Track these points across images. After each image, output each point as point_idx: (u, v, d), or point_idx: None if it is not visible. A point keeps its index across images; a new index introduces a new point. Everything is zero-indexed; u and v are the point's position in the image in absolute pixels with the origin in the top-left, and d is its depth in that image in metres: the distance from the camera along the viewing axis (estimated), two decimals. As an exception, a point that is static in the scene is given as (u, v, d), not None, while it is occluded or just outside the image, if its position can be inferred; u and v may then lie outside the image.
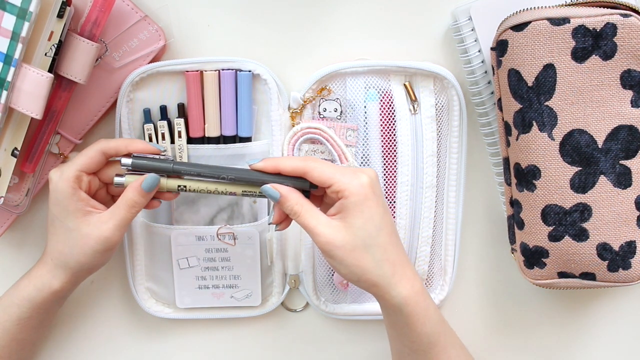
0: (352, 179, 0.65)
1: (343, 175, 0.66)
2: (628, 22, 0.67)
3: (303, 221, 0.66)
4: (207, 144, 0.77)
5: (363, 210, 0.65)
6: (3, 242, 0.81)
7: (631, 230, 0.72)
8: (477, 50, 0.75)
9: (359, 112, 0.76)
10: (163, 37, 0.75)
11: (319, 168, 0.66)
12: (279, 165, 0.67)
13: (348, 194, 0.65)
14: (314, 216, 0.66)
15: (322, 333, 0.84)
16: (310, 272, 0.80)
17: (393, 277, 0.66)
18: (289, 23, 0.77)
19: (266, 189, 0.67)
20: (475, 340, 0.82)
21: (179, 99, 0.77)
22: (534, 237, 0.73)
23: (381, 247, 0.66)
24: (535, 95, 0.70)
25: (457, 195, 0.79)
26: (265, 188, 0.67)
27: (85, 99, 0.76)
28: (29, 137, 0.73)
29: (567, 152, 0.70)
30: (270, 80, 0.76)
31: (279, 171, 0.67)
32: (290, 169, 0.67)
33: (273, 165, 0.67)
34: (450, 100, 0.77)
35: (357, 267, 0.65)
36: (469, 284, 0.82)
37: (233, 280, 0.80)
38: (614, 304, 0.82)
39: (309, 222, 0.65)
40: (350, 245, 0.65)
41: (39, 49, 0.69)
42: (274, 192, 0.67)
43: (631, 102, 0.69)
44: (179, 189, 0.69)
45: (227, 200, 0.78)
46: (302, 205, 0.66)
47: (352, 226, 0.65)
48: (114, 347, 0.84)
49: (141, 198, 0.68)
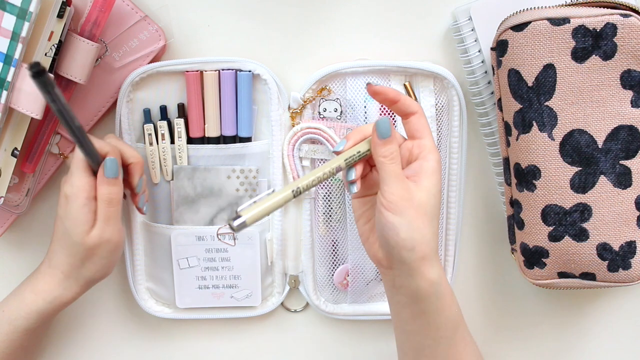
0: (435, 147, 0.66)
1: (432, 139, 0.66)
2: (628, 22, 0.67)
3: (397, 168, 0.64)
4: (207, 144, 0.77)
5: (438, 180, 0.65)
6: (3, 242, 0.81)
7: (631, 230, 0.72)
8: (477, 50, 0.75)
9: (359, 112, 0.76)
10: (163, 37, 0.75)
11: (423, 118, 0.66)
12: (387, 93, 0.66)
13: (432, 157, 0.64)
14: (400, 169, 0.64)
15: (322, 333, 0.84)
16: (310, 272, 0.80)
17: (436, 254, 0.65)
18: (289, 23, 0.77)
19: (384, 121, 0.64)
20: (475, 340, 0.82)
21: (179, 99, 0.77)
22: (534, 237, 0.73)
23: (437, 221, 0.65)
24: (535, 95, 0.70)
25: (457, 195, 0.79)
26: (384, 120, 0.64)
27: (85, 99, 0.76)
28: (29, 137, 0.74)
29: (567, 152, 0.70)
30: (270, 80, 0.76)
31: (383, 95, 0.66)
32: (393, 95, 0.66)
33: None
34: (450, 100, 0.77)
35: (419, 233, 0.63)
36: (468, 283, 0.82)
37: (233, 280, 0.80)
38: (614, 304, 0.82)
39: (401, 170, 0.64)
40: (423, 208, 0.63)
41: (39, 49, 0.69)
42: (389, 129, 0.64)
43: (631, 102, 0.69)
44: (294, 193, 0.63)
45: (227, 200, 0.78)
46: (398, 154, 0.65)
47: (428, 191, 0.64)
48: (114, 347, 0.84)
49: (112, 187, 0.68)
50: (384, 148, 0.64)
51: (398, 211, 0.62)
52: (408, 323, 0.67)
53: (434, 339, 0.67)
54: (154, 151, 0.77)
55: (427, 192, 0.64)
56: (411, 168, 0.65)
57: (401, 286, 0.65)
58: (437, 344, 0.67)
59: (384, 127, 0.64)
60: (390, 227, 0.63)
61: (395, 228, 0.62)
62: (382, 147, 0.64)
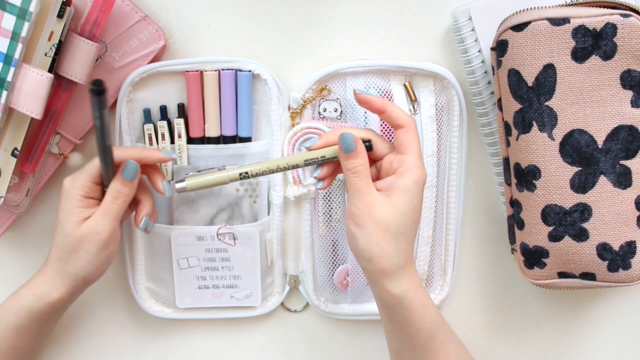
0: (420, 166, 0.66)
1: (418, 157, 0.66)
2: (628, 22, 0.67)
3: (359, 182, 0.65)
4: (207, 144, 0.77)
5: (412, 199, 0.65)
6: (3, 242, 0.81)
7: (631, 230, 0.72)
8: (477, 50, 0.75)
9: (359, 112, 0.76)
10: (163, 37, 0.75)
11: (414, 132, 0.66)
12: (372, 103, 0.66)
13: (408, 175, 0.65)
14: (369, 182, 0.65)
15: (322, 333, 0.84)
16: (310, 272, 0.80)
17: (402, 269, 0.66)
18: (289, 23, 0.77)
19: (346, 136, 0.65)
20: (475, 340, 0.82)
21: (179, 99, 0.77)
22: (534, 237, 0.73)
23: (407, 239, 0.66)
24: (535, 95, 0.70)
25: (457, 195, 0.79)
26: (347, 136, 0.65)
27: (85, 99, 0.75)
28: (29, 137, 0.74)
29: (567, 152, 0.70)
30: (270, 80, 0.76)
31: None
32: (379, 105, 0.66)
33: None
34: (450, 100, 0.77)
35: (378, 247, 0.64)
36: (469, 284, 0.82)
37: (233, 280, 0.80)
38: (614, 304, 0.82)
39: (364, 186, 0.64)
40: (385, 225, 0.64)
41: (39, 49, 0.69)
42: (353, 143, 0.65)
43: (631, 102, 0.69)
44: (241, 176, 0.67)
45: (227, 200, 0.78)
46: (366, 168, 0.65)
47: (397, 209, 0.64)
48: (114, 347, 0.84)
49: (124, 187, 0.68)
50: (347, 162, 0.65)
51: (359, 223, 0.65)
52: (386, 325, 0.70)
53: (410, 346, 0.68)
54: (154, 151, 0.77)
55: (394, 209, 0.64)
56: (386, 181, 0.66)
57: (372, 290, 0.68)
58: (414, 351, 0.68)
59: (347, 142, 0.65)
60: (351, 236, 0.66)
61: (354, 237, 0.65)
62: (345, 160, 0.65)
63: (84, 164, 0.78)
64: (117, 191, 0.68)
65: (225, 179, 0.67)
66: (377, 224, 0.64)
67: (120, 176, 0.68)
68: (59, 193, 0.79)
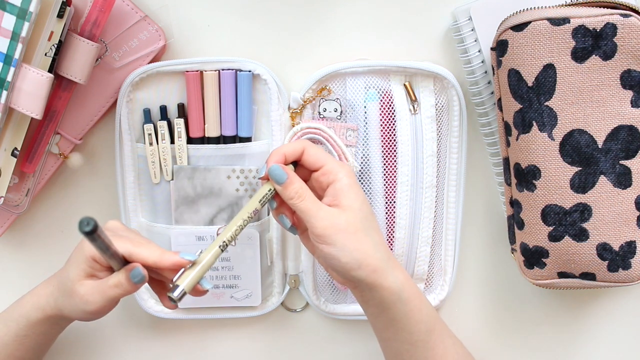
0: (340, 164, 0.67)
1: (333, 160, 0.67)
2: (628, 22, 0.67)
3: (306, 205, 0.65)
4: (207, 144, 0.77)
5: (357, 193, 0.66)
6: (3, 242, 0.81)
7: (631, 230, 0.72)
8: (477, 50, 0.75)
9: (359, 112, 0.76)
10: (163, 37, 0.75)
11: (314, 148, 0.68)
12: (284, 153, 0.67)
13: (342, 176, 0.66)
14: (316, 201, 0.65)
15: (322, 333, 0.84)
16: (310, 272, 0.80)
17: (389, 261, 0.66)
18: (289, 23, 0.77)
19: (274, 169, 0.66)
20: (475, 340, 0.82)
21: (179, 99, 0.77)
22: (534, 237, 0.73)
23: (375, 231, 0.66)
24: (535, 95, 0.70)
25: (457, 195, 0.79)
26: (274, 168, 0.66)
27: (85, 99, 0.76)
28: (29, 137, 0.74)
29: (567, 152, 0.70)
30: (270, 80, 0.76)
31: (284, 158, 0.67)
32: (292, 149, 0.67)
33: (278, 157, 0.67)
34: (450, 100, 0.77)
35: (359, 251, 0.64)
36: (469, 284, 0.82)
37: (233, 280, 0.80)
38: (614, 304, 0.82)
39: (312, 205, 0.65)
40: (352, 227, 0.64)
41: (39, 49, 0.69)
42: (282, 173, 0.66)
43: (631, 102, 0.69)
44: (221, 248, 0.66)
45: (227, 200, 0.78)
46: (306, 190, 0.66)
47: (351, 208, 0.65)
48: (114, 347, 0.84)
49: (127, 284, 0.65)
50: (286, 191, 0.66)
51: (329, 241, 0.64)
52: (383, 331, 0.69)
53: (410, 344, 0.68)
54: (154, 151, 0.77)
55: (350, 209, 0.65)
56: (328, 195, 0.66)
57: (368, 299, 0.67)
58: (415, 349, 0.68)
59: (277, 175, 0.66)
60: (330, 258, 0.65)
61: (334, 257, 0.64)
62: (284, 191, 0.66)
63: (84, 164, 0.78)
64: (121, 283, 0.66)
65: (212, 260, 0.66)
66: (345, 231, 0.64)
67: (127, 273, 0.65)
68: (59, 193, 0.80)
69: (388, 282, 0.65)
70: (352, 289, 0.68)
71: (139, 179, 0.78)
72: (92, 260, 0.66)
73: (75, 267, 0.67)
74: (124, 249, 0.65)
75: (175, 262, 0.65)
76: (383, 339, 0.70)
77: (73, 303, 0.67)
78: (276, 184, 0.66)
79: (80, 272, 0.67)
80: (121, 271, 0.66)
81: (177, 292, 0.64)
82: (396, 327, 0.68)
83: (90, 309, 0.67)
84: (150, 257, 0.66)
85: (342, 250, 0.64)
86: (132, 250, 0.66)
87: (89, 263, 0.66)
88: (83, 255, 0.66)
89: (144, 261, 0.65)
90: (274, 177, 0.66)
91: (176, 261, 0.65)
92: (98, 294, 0.66)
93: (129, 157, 0.77)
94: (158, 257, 0.66)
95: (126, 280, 0.65)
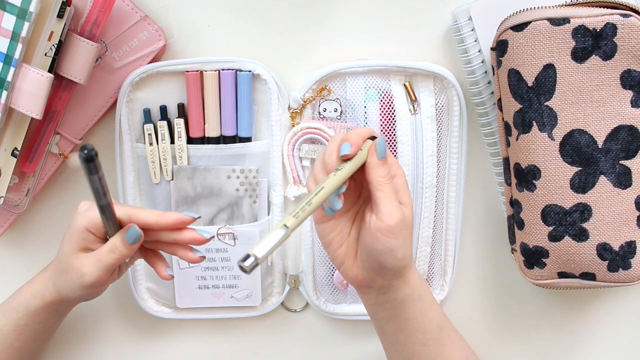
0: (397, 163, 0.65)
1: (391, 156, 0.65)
2: (628, 22, 0.67)
3: (389, 190, 0.62)
4: (207, 144, 0.77)
5: (409, 192, 0.64)
6: (3, 242, 0.81)
7: (631, 230, 0.72)
8: (477, 50, 0.75)
9: (359, 112, 0.76)
10: (163, 37, 0.75)
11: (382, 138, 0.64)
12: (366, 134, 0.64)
13: (402, 173, 0.64)
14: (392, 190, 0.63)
15: (322, 333, 0.84)
16: (310, 272, 0.80)
17: (412, 257, 0.65)
18: (289, 23, 0.77)
19: (383, 141, 0.63)
20: (475, 340, 0.82)
21: (179, 99, 0.77)
22: (534, 237, 0.73)
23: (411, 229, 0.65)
24: (535, 95, 0.70)
25: (457, 195, 0.79)
26: (382, 141, 0.63)
27: (85, 99, 0.76)
28: (29, 137, 0.74)
29: (567, 152, 0.70)
30: (270, 80, 0.76)
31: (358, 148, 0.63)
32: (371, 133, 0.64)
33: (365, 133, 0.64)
34: (450, 100, 0.77)
35: (409, 249, 0.63)
36: (469, 284, 0.82)
37: (233, 280, 0.80)
38: (614, 304, 0.82)
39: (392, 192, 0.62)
40: (410, 225, 0.63)
41: (39, 49, 0.69)
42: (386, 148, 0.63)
43: (631, 102, 0.69)
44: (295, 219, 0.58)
45: (227, 200, 0.78)
46: None
47: (410, 206, 0.63)
48: (114, 347, 0.84)
49: (122, 247, 0.65)
50: (382, 169, 0.62)
51: (396, 235, 0.61)
52: (394, 334, 0.68)
53: (422, 344, 0.67)
54: (154, 151, 0.77)
55: (410, 207, 0.64)
56: None
57: (385, 302, 0.65)
58: (427, 348, 0.67)
59: (382, 148, 0.63)
60: (387, 252, 0.62)
61: (392, 252, 0.62)
62: (380, 167, 0.62)
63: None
64: (115, 246, 0.66)
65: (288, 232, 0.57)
66: (408, 228, 0.62)
67: (122, 235, 0.66)
68: (59, 193, 0.80)
69: (412, 279, 0.65)
70: (367, 289, 0.65)
71: (139, 179, 0.79)
72: (85, 231, 0.66)
73: (69, 242, 0.67)
74: (123, 212, 0.66)
75: (176, 219, 0.66)
76: (392, 343, 0.68)
77: (70, 279, 0.67)
78: (376, 158, 0.62)
79: (74, 246, 0.67)
80: (116, 235, 0.66)
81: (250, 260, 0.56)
82: (410, 328, 0.66)
83: (86, 281, 0.66)
84: (151, 216, 0.66)
85: (402, 247, 0.62)
86: (132, 212, 0.66)
87: (82, 235, 0.66)
88: (76, 229, 0.66)
89: (144, 221, 0.66)
90: (380, 149, 0.62)
91: (177, 217, 0.66)
92: (93, 264, 0.66)
93: (129, 157, 0.77)
94: (159, 215, 0.66)
95: (121, 243, 0.65)
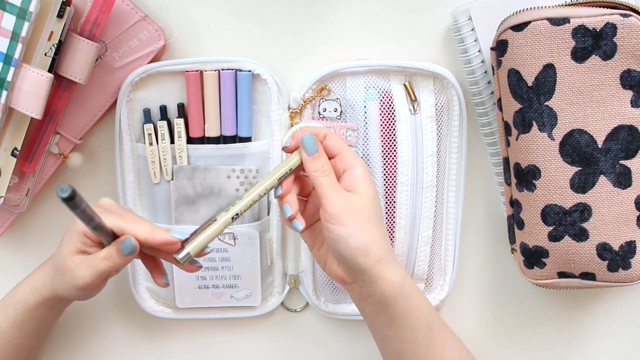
0: (356, 155, 0.68)
1: (350, 149, 0.68)
2: (628, 22, 0.67)
3: (328, 181, 0.65)
4: (207, 144, 0.77)
5: (370, 183, 0.66)
6: (3, 242, 0.81)
7: (631, 230, 0.72)
8: (477, 50, 0.75)
9: (358, 112, 0.76)
10: (163, 37, 0.75)
11: (335, 135, 0.68)
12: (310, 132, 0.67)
13: (358, 164, 0.66)
14: (336, 181, 0.66)
15: (322, 333, 0.84)
16: (310, 272, 0.80)
17: (391, 252, 0.66)
18: (289, 23, 0.77)
19: (309, 137, 0.66)
20: (475, 340, 0.82)
21: (179, 99, 0.77)
22: (534, 237, 0.73)
23: (383, 223, 0.66)
24: (535, 95, 0.70)
25: (457, 195, 0.79)
26: (308, 136, 0.66)
27: (85, 99, 0.76)
28: (29, 137, 0.74)
29: (567, 152, 0.70)
30: (270, 80, 0.76)
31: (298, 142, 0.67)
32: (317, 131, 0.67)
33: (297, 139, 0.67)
34: (450, 100, 0.77)
35: (368, 238, 0.64)
36: (469, 284, 0.82)
37: (233, 280, 0.80)
38: (614, 304, 0.82)
39: (333, 183, 0.65)
40: (365, 214, 0.64)
41: (39, 49, 0.69)
42: (315, 143, 0.66)
43: (631, 102, 0.69)
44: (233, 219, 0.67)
45: (227, 200, 0.78)
46: (330, 167, 0.66)
47: (366, 195, 0.65)
48: (114, 347, 0.84)
49: (117, 256, 0.66)
50: (313, 163, 0.66)
51: (342, 222, 0.63)
52: (383, 330, 0.68)
53: (411, 341, 0.67)
54: (154, 151, 0.77)
55: (366, 197, 0.65)
56: (344, 180, 0.66)
57: (368, 296, 0.66)
58: (416, 346, 0.67)
59: (309, 144, 0.66)
60: (339, 240, 0.64)
61: (344, 239, 0.63)
62: (312, 162, 0.66)
63: (84, 164, 0.78)
64: (110, 255, 0.66)
65: (222, 227, 0.66)
66: (359, 215, 0.64)
67: (118, 245, 0.66)
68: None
69: (391, 275, 0.65)
70: (352, 283, 0.66)
71: (139, 179, 0.79)
72: (83, 235, 0.67)
73: (67, 243, 0.68)
74: (116, 225, 0.66)
75: (165, 240, 0.66)
76: (382, 338, 0.69)
77: (65, 279, 0.68)
78: (306, 154, 0.66)
79: (71, 248, 0.67)
80: (112, 244, 0.67)
81: (183, 254, 0.65)
82: (397, 325, 0.67)
83: (79, 283, 0.67)
84: (142, 233, 0.66)
85: (353, 234, 0.63)
86: (124, 225, 0.67)
87: (80, 238, 0.67)
88: (75, 231, 0.67)
89: (135, 237, 0.66)
90: (307, 145, 0.66)
91: (166, 239, 0.66)
92: (87, 268, 0.67)
93: (129, 157, 0.77)
94: (150, 234, 0.66)
95: (117, 252, 0.66)
